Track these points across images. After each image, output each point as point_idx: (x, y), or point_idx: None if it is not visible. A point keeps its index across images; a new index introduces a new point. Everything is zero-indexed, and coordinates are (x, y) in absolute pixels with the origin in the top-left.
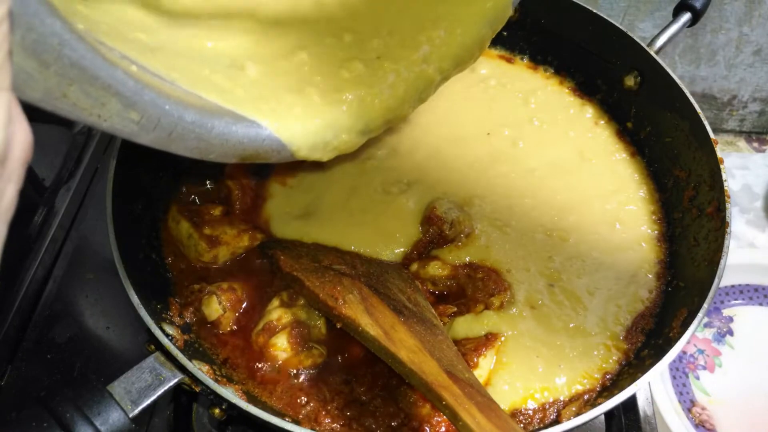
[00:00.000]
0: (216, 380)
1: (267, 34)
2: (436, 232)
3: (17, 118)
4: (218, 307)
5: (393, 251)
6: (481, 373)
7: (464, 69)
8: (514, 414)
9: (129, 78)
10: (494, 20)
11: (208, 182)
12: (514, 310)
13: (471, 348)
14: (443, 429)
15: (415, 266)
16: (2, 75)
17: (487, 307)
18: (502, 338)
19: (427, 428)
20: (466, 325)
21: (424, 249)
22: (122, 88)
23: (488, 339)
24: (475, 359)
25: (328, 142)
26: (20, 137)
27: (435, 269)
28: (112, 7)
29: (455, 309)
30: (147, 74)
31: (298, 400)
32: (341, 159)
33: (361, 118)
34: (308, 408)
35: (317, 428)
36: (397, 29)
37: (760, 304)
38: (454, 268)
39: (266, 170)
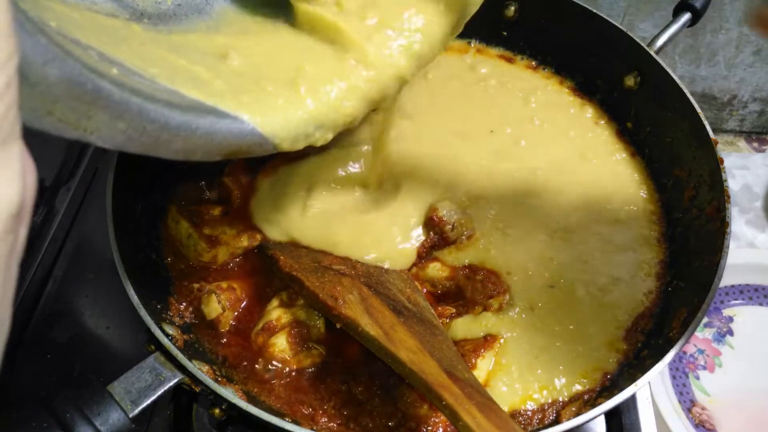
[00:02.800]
0: (216, 380)
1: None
2: (438, 234)
3: (28, 165)
4: (217, 306)
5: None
6: (479, 375)
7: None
8: (513, 415)
9: (114, 87)
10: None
11: (207, 182)
12: (514, 311)
13: (469, 349)
14: (441, 430)
15: (414, 267)
16: (15, 125)
17: (486, 309)
18: (501, 340)
19: (424, 429)
20: (465, 327)
21: (426, 253)
22: (109, 99)
23: (487, 340)
24: (474, 360)
25: (311, 134)
26: (30, 182)
27: (434, 271)
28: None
29: (454, 310)
30: (128, 75)
31: (297, 400)
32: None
33: (340, 110)
34: (307, 408)
35: (315, 428)
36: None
37: (760, 304)
38: (453, 270)
39: (259, 167)
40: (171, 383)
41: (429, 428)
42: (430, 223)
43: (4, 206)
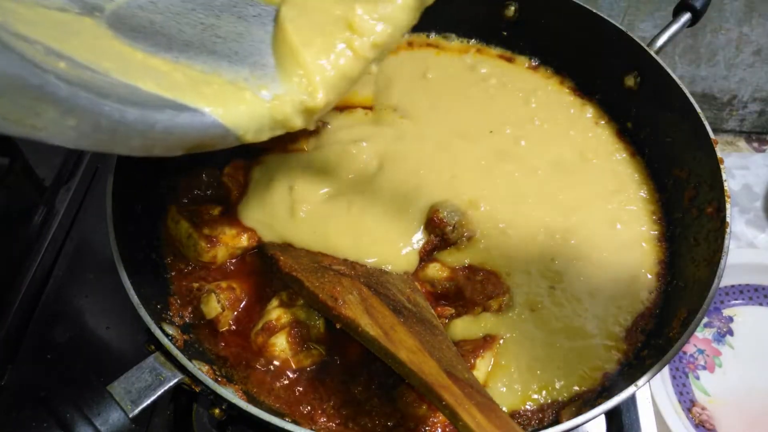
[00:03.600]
0: (216, 380)
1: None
2: (439, 235)
3: None
4: (217, 305)
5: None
6: (478, 375)
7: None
8: (513, 415)
9: (61, 82)
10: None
11: (206, 182)
12: (513, 312)
13: (469, 350)
14: (439, 430)
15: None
16: None
17: (485, 310)
18: (501, 340)
19: (423, 429)
20: (464, 327)
21: (427, 255)
22: (56, 94)
23: (486, 341)
24: (473, 361)
25: (277, 122)
26: None
27: (434, 271)
28: None
29: (453, 311)
30: (78, 69)
31: (297, 400)
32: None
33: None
34: (306, 407)
35: (314, 427)
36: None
37: (760, 304)
38: (453, 271)
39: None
40: (171, 383)
41: (428, 428)
42: (431, 224)
43: None
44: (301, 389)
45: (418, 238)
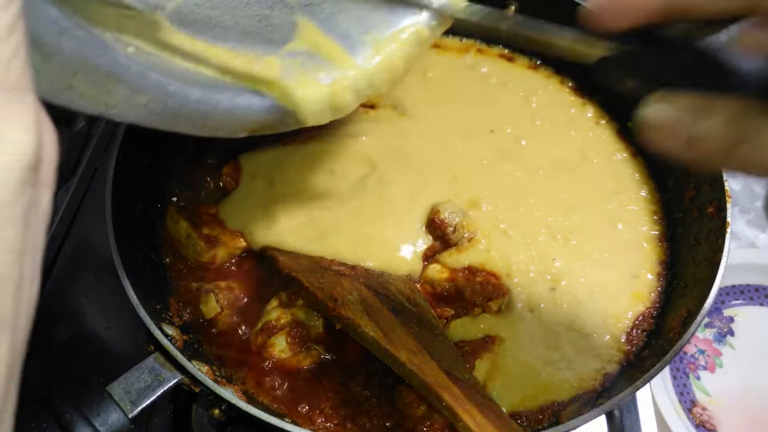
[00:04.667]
0: (215, 381)
1: None
2: (439, 236)
3: (44, 119)
4: (216, 305)
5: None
6: (477, 376)
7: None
8: (512, 416)
9: (132, 62)
10: None
11: (206, 182)
12: (514, 313)
13: (468, 351)
14: (438, 431)
15: None
16: (25, 76)
17: (485, 311)
18: (501, 341)
19: (422, 429)
20: (464, 328)
21: (429, 258)
22: (127, 73)
23: (486, 342)
24: (472, 362)
25: (336, 105)
26: (49, 138)
27: (434, 272)
28: None
29: (453, 312)
30: (144, 55)
31: (295, 400)
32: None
33: (367, 77)
34: (305, 407)
35: (312, 427)
36: None
37: (761, 305)
38: (453, 272)
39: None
40: (170, 384)
41: (426, 429)
42: (432, 224)
43: (19, 155)
44: (299, 389)
45: (420, 242)
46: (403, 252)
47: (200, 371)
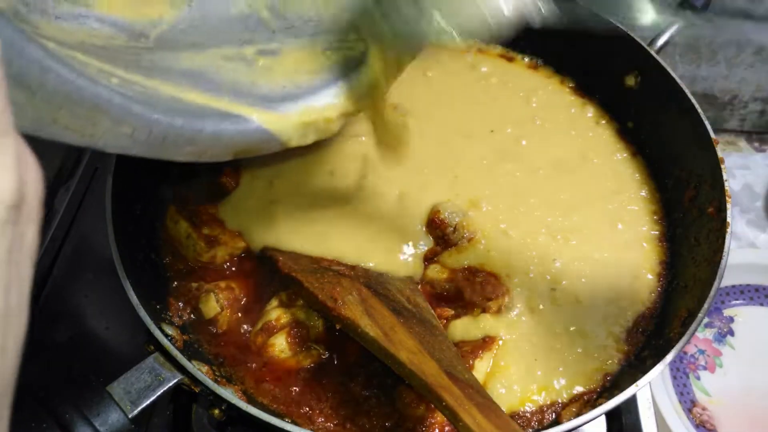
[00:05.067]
0: (215, 381)
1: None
2: (439, 236)
3: (26, 157)
4: (216, 305)
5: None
6: (477, 377)
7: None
8: (512, 417)
9: (115, 93)
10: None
11: (206, 182)
12: (513, 313)
13: (467, 351)
14: (437, 431)
15: None
16: (3, 118)
17: (484, 311)
18: (500, 342)
19: (421, 429)
20: (463, 328)
21: (430, 259)
22: (110, 105)
23: (485, 342)
24: (471, 362)
25: (319, 127)
26: (32, 175)
27: (434, 272)
28: (79, 23)
29: (452, 312)
30: (128, 84)
31: (295, 400)
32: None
33: (350, 99)
34: (304, 407)
35: (312, 427)
36: None
37: (761, 305)
38: (452, 272)
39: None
40: (170, 384)
41: (426, 429)
42: (432, 224)
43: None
44: (299, 389)
45: (421, 244)
46: (403, 254)
47: (200, 371)
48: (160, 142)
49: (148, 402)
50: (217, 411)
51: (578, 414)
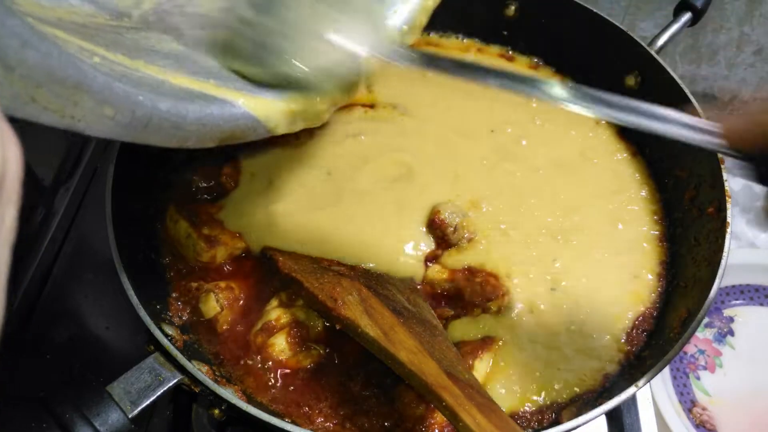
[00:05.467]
0: (215, 381)
1: None
2: (440, 236)
3: (6, 134)
4: (215, 305)
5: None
6: (476, 377)
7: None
8: (512, 417)
9: (97, 72)
10: None
11: (206, 182)
12: (513, 314)
13: (467, 351)
14: (437, 431)
15: None
16: None
17: (484, 311)
18: (500, 342)
19: (421, 429)
20: (463, 329)
21: (431, 261)
22: (92, 83)
23: (485, 342)
24: (471, 362)
25: (307, 112)
26: (12, 155)
27: (433, 273)
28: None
29: (452, 312)
30: (111, 64)
31: (294, 400)
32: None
33: (337, 83)
34: (304, 407)
35: (311, 427)
36: None
37: (761, 305)
38: (452, 272)
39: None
40: (170, 384)
41: (425, 429)
42: (432, 225)
43: None
44: (299, 389)
45: (422, 245)
46: (404, 255)
47: (200, 371)
48: (144, 125)
49: (148, 402)
50: (217, 411)
51: (578, 414)
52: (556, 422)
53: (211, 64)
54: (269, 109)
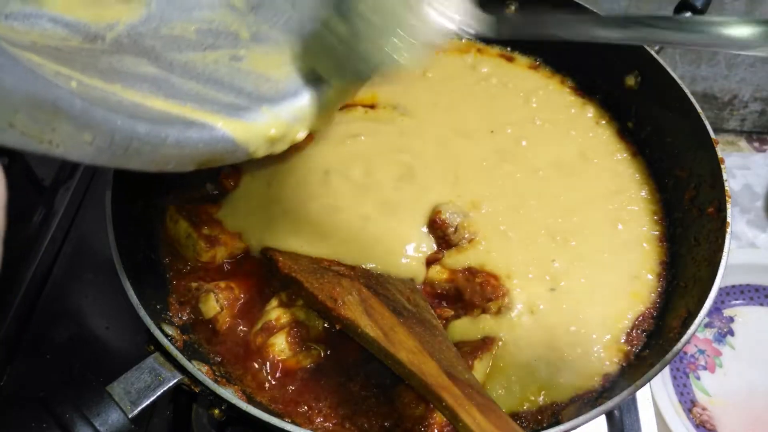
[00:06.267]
0: (215, 381)
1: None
2: (440, 236)
3: None
4: (215, 305)
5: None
6: (476, 377)
7: None
8: (512, 417)
9: (75, 97)
10: None
11: (206, 182)
12: (513, 314)
13: (467, 351)
14: (436, 431)
15: None
16: None
17: (484, 312)
18: (499, 342)
19: (420, 429)
20: (463, 329)
21: (432, 261)
22: (71, 108)
23: (485, 342)
24: (471, 362)
25: (287, 135)
26: None
27: (434, 273)
28: (30, 23)
29: (452, 312)
30: (88, 89)
31: (294, 400)
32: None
33: (320, 104)
34: (303, 407)
35: (311, 427)
36: None
37: (761, 305)
38: (452, 273)
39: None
40: (170, 384)
41: (425, 429)
42: (433, 225)
43: None
44: (299, 389)
45: (423, 246)
46: (405, 256)
47: (200, 371)
48: (123, 150)
49: (148, 402)
50: (217, 411)
51: (578, 414)
52: (556, 422)
53: (189, 87)
54: (249, 133)
